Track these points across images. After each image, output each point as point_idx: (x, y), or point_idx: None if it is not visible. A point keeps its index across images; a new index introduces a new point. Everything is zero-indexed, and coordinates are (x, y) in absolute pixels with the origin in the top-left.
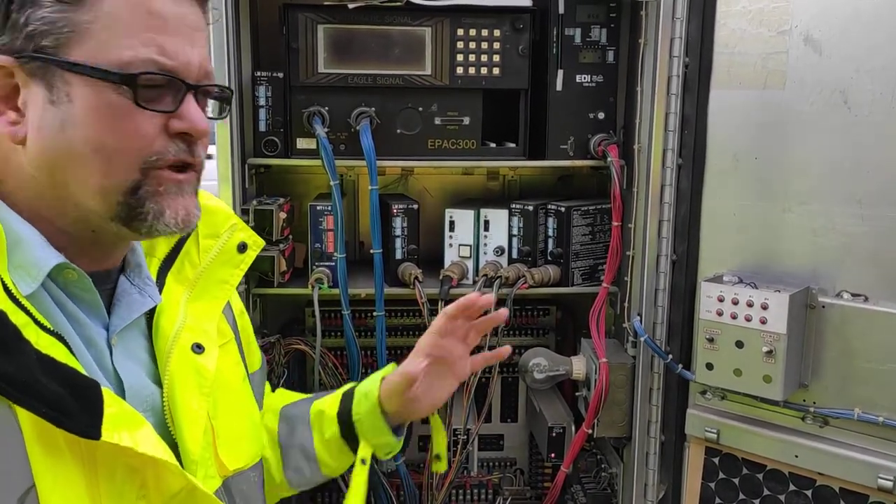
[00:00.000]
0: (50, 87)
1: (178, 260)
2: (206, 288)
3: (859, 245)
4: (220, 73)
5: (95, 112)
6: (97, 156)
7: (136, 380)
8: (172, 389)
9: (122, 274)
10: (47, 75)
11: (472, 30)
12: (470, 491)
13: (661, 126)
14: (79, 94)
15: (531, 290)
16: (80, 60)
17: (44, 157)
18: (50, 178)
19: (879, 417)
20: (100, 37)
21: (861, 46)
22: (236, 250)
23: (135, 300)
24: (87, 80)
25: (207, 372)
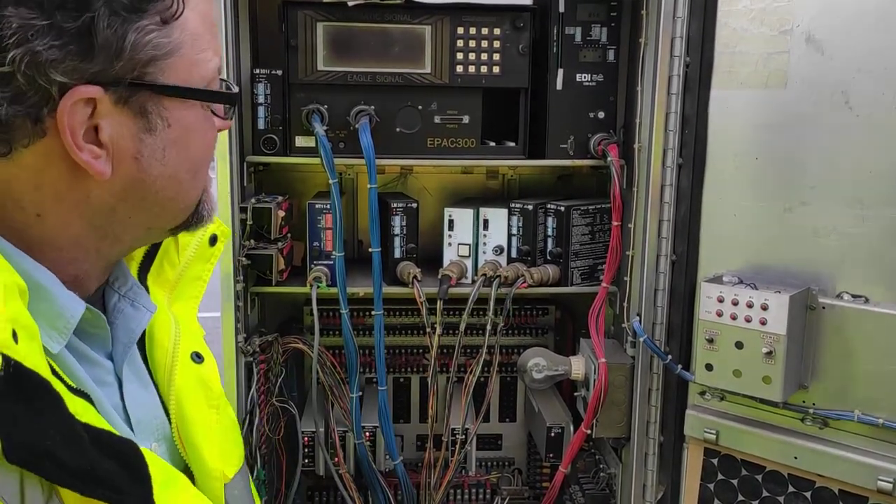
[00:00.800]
0: (143, 114)
1: (157, 260)
2: (184, 289)
3: (860, 246)
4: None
5: (193, 133)
6: (190, 174)
7: (144, 411)
8: (181, 408)
9: (106, 285)
10: (139, 102)
11: (472, 28)
12: (468, 491)
13: (662, 125)
14: (176, 118)
15: (530, 290)
16: (179, 83)
17: (137, 186)
18: (132, 206)
19: (879, 419)
20: (188, 54)
21: (863, 46)
22: (209, 243)
23: (130, 316)
24: (184, 102)
25: (214, 383)
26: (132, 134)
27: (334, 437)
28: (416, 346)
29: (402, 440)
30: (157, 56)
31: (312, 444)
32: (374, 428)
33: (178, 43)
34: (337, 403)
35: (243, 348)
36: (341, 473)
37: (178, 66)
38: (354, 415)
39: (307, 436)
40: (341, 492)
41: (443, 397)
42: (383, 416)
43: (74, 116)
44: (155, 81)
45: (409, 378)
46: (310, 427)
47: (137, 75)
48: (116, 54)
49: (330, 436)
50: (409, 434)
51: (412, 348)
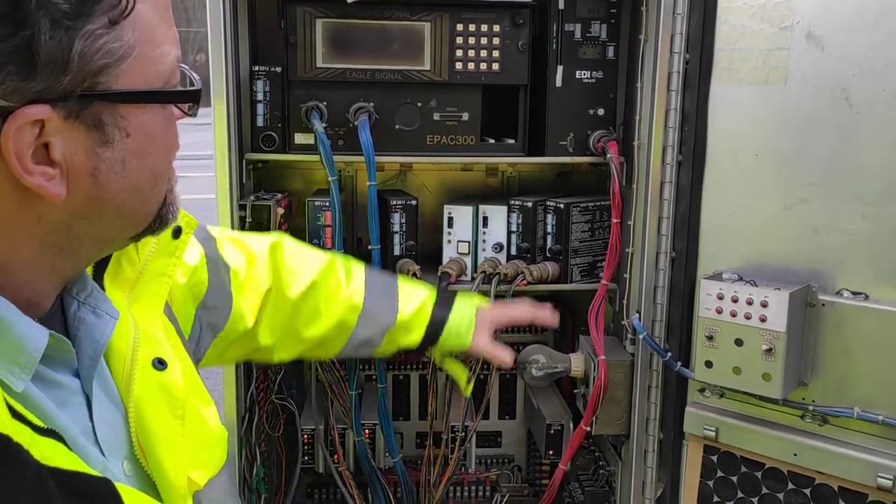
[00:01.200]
0: (98, 126)
1: (114, 258)
2: (146, 287)
3: (860, 243)
4: (218, 68)
5: (154, 138)
6: (151, 182)
7: (111, 429)
8: (141, 419)
9: (64, 291)
10: (93, 114)
11: (471, 25)
12: (467, 488)
13: (662, 122)
14: (135, 126)
15: (530, 287)
16: (135, 87)
17: (94, 203)
18: (89, 222)
19: (879, 416)
20: (143, 53)
21: (863, 43)
22: (171, 236)
23: (92, 325)
24: (143, 107)
25: (177, 391)
26: (87, 149)
27: (334, 434)
28: None
29: (402, 437)
30: (110, 63)
31: (312, 441)
32: (373, 425)
33: (132, 43)
34: (336, 401)
35: None
36: (341, 471)
37: (134, 68)
38: (354, 412)
39: (307, 433)
40: (341, 489)
41: (442, 394)
42: (383, 414)
43: (21, 140)
44: (108, 90)
45: (409, 375)
46: (309, 424)
47: (88, 86)
48: (62, 68)
49: (329, 433)
50: (408, 431)
51: None
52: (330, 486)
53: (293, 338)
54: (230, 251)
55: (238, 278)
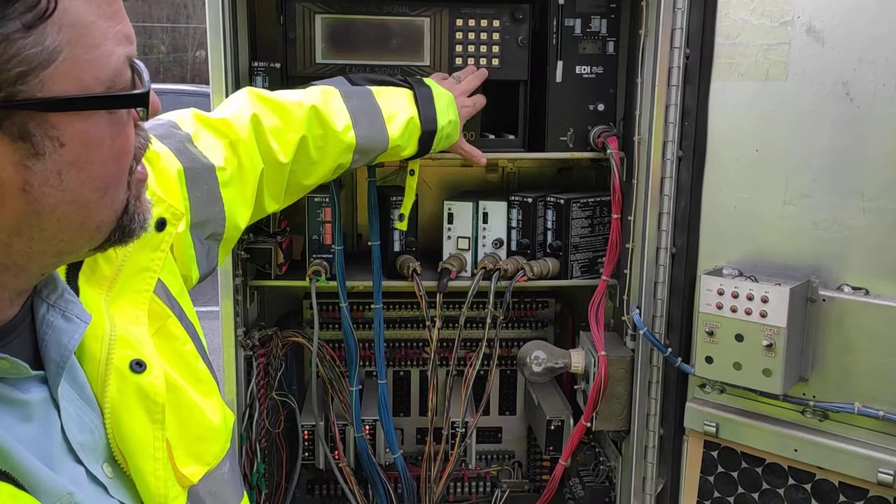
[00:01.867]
0: (24, 138)
1: (89, 257)
2: (126, 283)
3: (861, 238)
4: (217, 64)
5: (97, 147)
6: (97, 193)
7: (87, 435)
8: (117, 423)
9: (34, 295)
10: (17, 125)
11: (470, 20)
12: (468, 483)
13: (662, 118)
14: (70, 135)
15: (530, 283)
16: (65, 93)
17: (31, 219)
18: (30, 238)
19: (879, 411)
20: (74, 55)
21: (863, 37)
22: (155, 229)
23: (61, 330)
24: (77, 114)
25: (156, 395)
26: (14, 162)
27: (334, 430)
28: (415, 340)
29: (402, 433)
30: (28, 70)
31: (312, 437)
32: (373, 421)
33: (57, 46)
34: (337, 397)
35: (242, 342)
36: (341, 467)
37: (63, 73)
38: (354, 408)
39: (307, 429)
40: (341, 485)
41: (443, 390)
42: (383, 410)
43: None
44: (31, 98)
45: (409, 371)
46: (310, 421)
47: (5, 96)
48: None
49: (330, 429)
50: (408, 427)
51: (412, 342)
52: (330, 483)
53: (296, 189)
54: (208, 141)
55: (224, 174)
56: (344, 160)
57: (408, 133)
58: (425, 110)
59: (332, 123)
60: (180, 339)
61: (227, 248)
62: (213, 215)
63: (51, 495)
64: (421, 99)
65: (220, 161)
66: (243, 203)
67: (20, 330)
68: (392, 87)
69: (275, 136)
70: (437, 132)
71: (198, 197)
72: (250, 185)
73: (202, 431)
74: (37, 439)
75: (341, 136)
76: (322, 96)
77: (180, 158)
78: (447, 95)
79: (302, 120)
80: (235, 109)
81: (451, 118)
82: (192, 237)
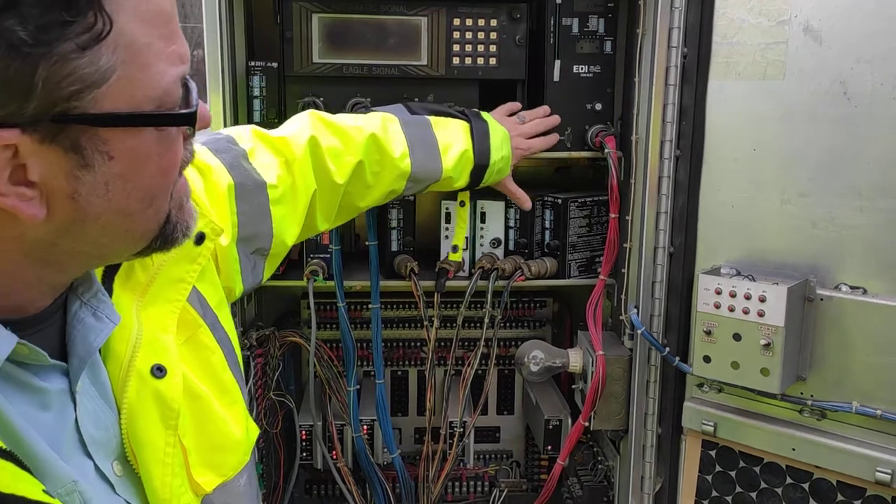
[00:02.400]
0: (76, 150)
1: (126, 262)
2: (159, 291)
3: (858, 237)
4: (214, 63)
5: (146, 161)
6: (144, 203)
7: (101, 430)
8: (132, 424)
9: (69, 291)
10: (70, 138)
11: (468, 19)
12: (466, 483)
13: (659, 117)
14: (120, 150)
15: (528, 283)
16: (117, 109)
17: (77, 224)
18: (73, 240)
19: (877, 410)
20: (127, 74)
21: (861, 36)
22: (193, 242)
23: (90, 327)
24: (127, 131)
25: (172, 401)
26: (66, 172)
27: (332, 430)
28: (413, 340)
29: (400, 433)
30: (82, 88)
31: (310, 437)
32: (371, 421)
33: (111, 66)
34: (334, 397)
35: (240, 342)
36: (339, 467)
37: (116, 91)
38: (352, 408)
39: (305, 429)
40: (339, 485)
41: (440, 390)
42: (381, 410)
43: None
44: (85, 113)
45: (407, 371)
46: (307, 421)
47: (60, 111)
48: (25, 94)
49: (328, 429)
50: (406, 427)
51: (410, 341)
52: (328, 483)
53: (349, 210)
54: (265, 159)
55: (276, 192)
56: (397, 186)
57: (461, 165)
58: (480, 144)
59: (389, 150)
60: (209, 349)
61: (274, 263)
62: (261, 231)
63: (56, 481)
64: (476, 132)
65: (272, 179)
66: (293, 221)
67: (51, 322)
68: (449, 119)
69: (332, 158)
70: (489, 166)
71: (246, 212)
72: (301, 204)
73: (221, 441)
74: (51, 428)
75: (397, 162)
76: (381, 123)
77: (232, 173)
78: (502, 131)
79: (361, 145)
80: (295, 129)
81: (503, 154)
82: (238, 251)
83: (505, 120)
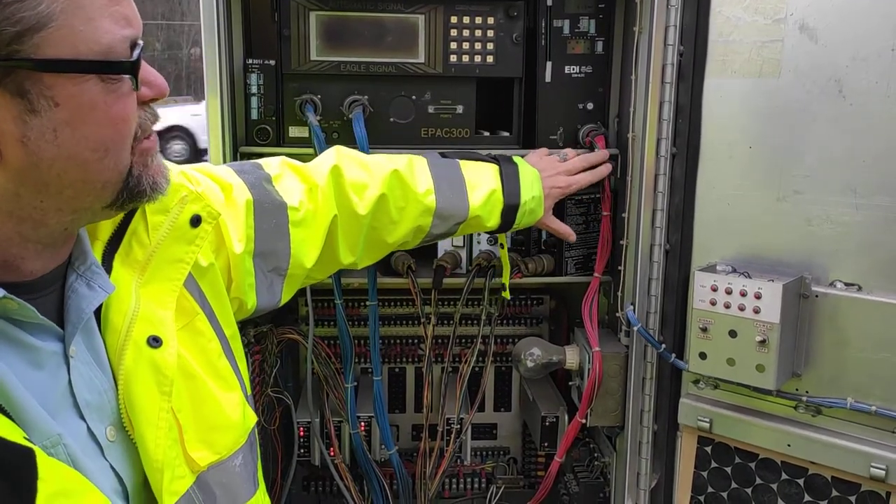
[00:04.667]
0: (22, 94)
1: (125, 241)
2: (158, 269)
3: (853, 234)
4: (212, 61)
5: (91, 110)
6: (97, 153)
7: (95, 396)
8: (128, 391)
9: (68, 266)
10: (16, 82)
11: (465, 17)
12: (463, 480)
13: (656, 115)
14: (65, 96)
15: (525, 280)
16: (60, 56)
17: (31, 171)
18: (37, 191)
19: (872, 407)
20: (68, 23)
21: (856, 34)
22: (189, 225)
23: (82, 296)
24: (72, 78)
25: (167, 368)
26: (13, 116)
27: (330, 427)
28: (410, 337)
29: (398, 430)
30: (23, 31)
31: (308, 434)
32: (369, 418)
33: (51, 12)
34: (332, 394)
35: None
36: (337, 463)
37: (58, 38)
38: (350, 405)
39: (302, 426)
40: (337, 481)
41: (438, 387)
42: (378, 406)
43: None
44: (27, 57)
45: (404, 368)
46: (305, 417)
47: (3, 55)
48: None
49: (325, 426)
50: (404, 424)
51: (407, 338)
52: (326, 479)
53: (378, 246)
54: (290, 184)
55: (297, 214)
56: (423, 222)
57: (490, 205)
58: (509, 185)
59: (412, 186)
60: (206, 336)
61: (292, 285)
62: (278, 249)
63: (42, 433)
64: (506, 174)
65: (294, 202)
66: (312, 245)
67: (49, 291)
68: (479, 162)
69: (353, 189)
70: (519, 206)
71: (264, 229)
72: (321, 229)
73: (216, 421)
74: (42, 386)
75: (421, 198)
76: (408, 162)
77: (252, 192)
78: (533, 172)
79: (383, 178)
80: (321, 160)
81: (534, 194)
82: (254, 266)
83: (543, 161)
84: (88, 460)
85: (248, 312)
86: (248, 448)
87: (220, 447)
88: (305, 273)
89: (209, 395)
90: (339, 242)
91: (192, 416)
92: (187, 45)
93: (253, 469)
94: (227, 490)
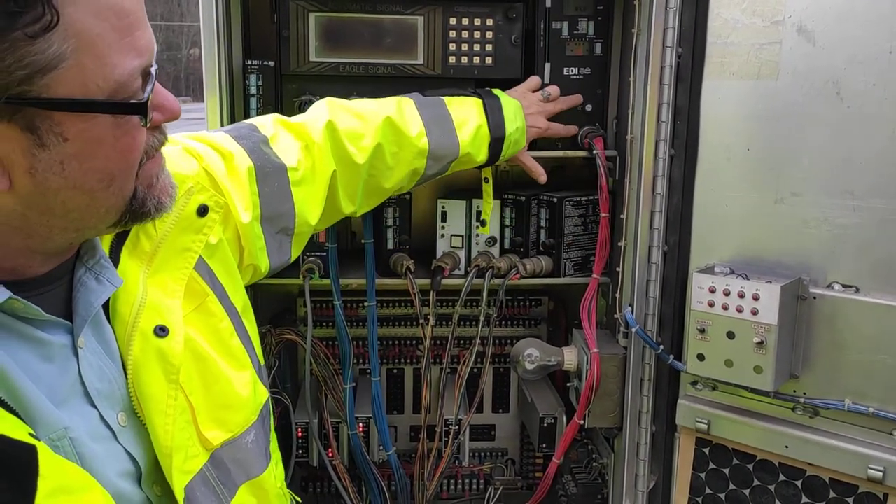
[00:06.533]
0: (32, 129)
1: (132, 233)
2: (166, 259)
3: (851, 236)
4: (211, 62)
5: (98, 144)
6: (103, 183)
7: (106, 382)
8: (137, 379)
9: (76, 260)
10: (26, 118)
11: (464, 19)
12: (461, 481)
13: (654, 116)
14: (74, 133)
15: (523, 281)
16: (70, 95)
17: (38, 197)
18: (42, 213)
19: (869, 408)
20: (79, 63)
21: (854, 37)
22: (196, 214)
23: (91, 290)
24: (80, 115)
25: (174, 357)
26: (23, 149)
27: (328, 428)
28: (409, 338)
29: (396, 431)
30: (33, 73)
31: (306, 435)
32: (367, 419)
33: (61, 54)
34: (330, 394)
35: None
36: (335, 464)
37: (69, 77)
38: (348, 406)
39: (301, 427)
40: (335, 482)
41: (436, 388)
42: (377, 407)
43: None
44: (38, 96)
45: (403, 369)
46: (303, 418)
47: (15, 94)
48: None
49: (323, 427)
50: (402, 425)
51: (405, 339)
52: (324, 480)
53: (376, 192)
54: (285, 143)
55: (297, 174)
56: (418, 165)
57: (478, 140)
58: (494, 118)
59: (406, 130)
60: (217, 317)
61: (300, 242)
62: (283, 211)
63: (48, 427)
64: (489, 107)
65: (293, 162)
66: (314, 202)
67: (56, 285)
68: (462, 97)
69: (349, 139)
70: (505, 138)
71: (267, 193)
72: (322, 184)
73: (227, 400)
74: (52, 378)
75: (415, 141)
76: (397, 105)
77: (252, 157)
78: (514, 103)
79: (378, 127)
80: (314, 115)
81: (518, 125)
82: (262, 230)
83: (528, 96)
84: (99, 445)
85: (263, 274)
86: (261, 423)
87: (233, 425)
88: (312, 229)
89: (221, 375)
90: (339, 195)
91: (204, 397)
92: (186, 45)
93: (265, 443)
94: (240, 465)
